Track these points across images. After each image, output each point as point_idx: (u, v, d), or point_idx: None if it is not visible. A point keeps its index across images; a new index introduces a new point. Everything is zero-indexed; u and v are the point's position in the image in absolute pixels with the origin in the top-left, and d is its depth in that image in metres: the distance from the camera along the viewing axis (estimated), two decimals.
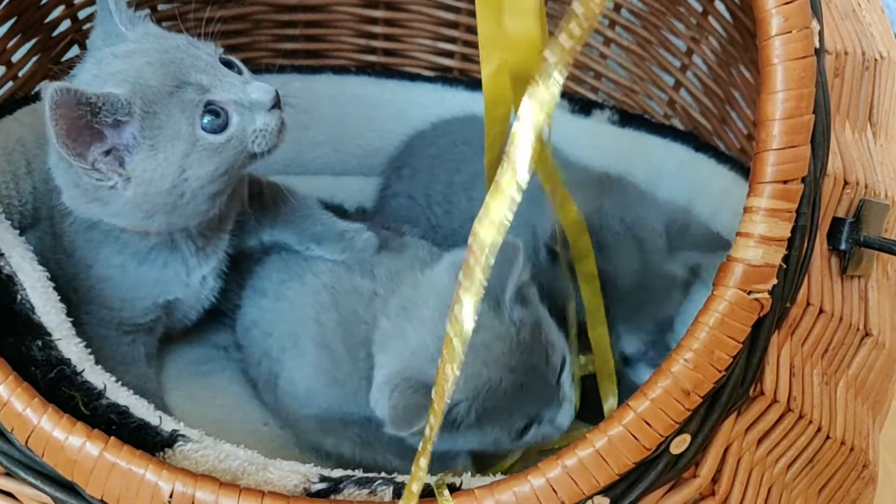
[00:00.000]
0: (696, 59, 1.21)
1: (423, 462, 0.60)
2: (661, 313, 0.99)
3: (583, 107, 1.27)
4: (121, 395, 0.69)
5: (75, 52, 1.13)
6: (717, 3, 1.12)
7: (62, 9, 1.11)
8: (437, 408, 0.60)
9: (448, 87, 1.35)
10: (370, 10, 1.38)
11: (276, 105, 0.81)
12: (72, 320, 0.76)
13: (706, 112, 1.21)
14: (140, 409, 0.69)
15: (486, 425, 0.79)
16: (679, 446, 0.61)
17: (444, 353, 0.60)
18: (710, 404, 0.62)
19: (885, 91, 0.76)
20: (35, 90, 1.08)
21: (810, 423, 0.68)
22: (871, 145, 0.73)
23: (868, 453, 0.74)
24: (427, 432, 0.61)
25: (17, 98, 1.06)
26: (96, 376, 0.70)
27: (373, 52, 1.41)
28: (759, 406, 0.66)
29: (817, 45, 0.59)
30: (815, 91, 0.58)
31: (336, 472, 0.66)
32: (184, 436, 0.66)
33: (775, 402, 0.66)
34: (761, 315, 0.60)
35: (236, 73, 0.83)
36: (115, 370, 0.73)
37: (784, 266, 0.60)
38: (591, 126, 1.25)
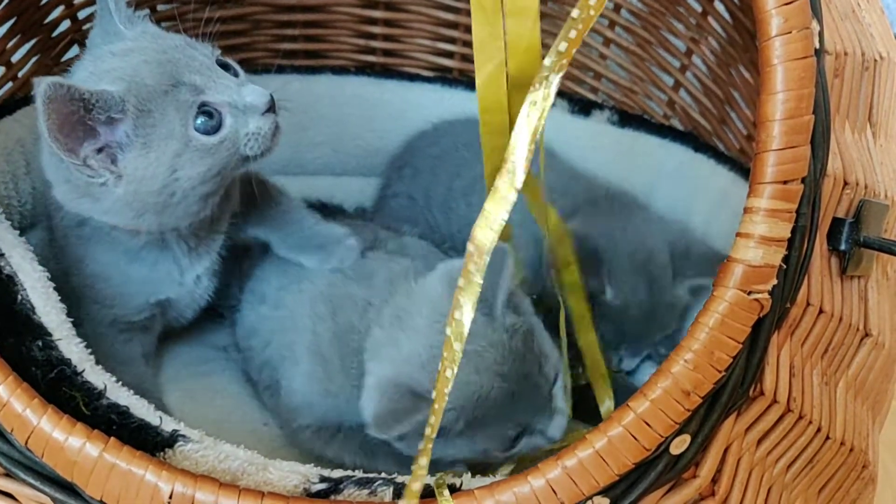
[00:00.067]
0: (695, 59, 1.21)
1: (424, 461, 0.60)
2: (661, 334, 1.00)
3: (582, 107, 1.27)
4: (121, 396, 0.69)
5: (75, 52, 1.13)
6: (717, 4, 1.12)
7: (62, 9, 1.10)
8: (437, 407, 0.60)
9: (447, 87, 1.35)
10: (369, 11, 1.38)
11: (271, 109, 0.81)
12: (72, 320, 0.76)
13: (706, 112, 1.21)
14: (140, 409, 0.68)
15: (476, 434, 0.78)
16: (679, 447, 0.61)
17: (443, 355, 0.60)
18: (710, 405, 0.62)
19: (885, 91, 0.76)
20: (33, 83, 1.07)
21: (810, 423, 0.68)
22: (870, 146, 0.73)
23: (868, 454, 0.74)
24: (427, 432, 0.61)
25: (16, 98, 1.06)
26: (97, 376, 0.69)
27: (372, 52, 1.41)
28: (759, 406, 0.66)
29: (817, 45, 0.59)
30: (814, 91, 0.58)
31: (336, 473, 0.66)
32: (184, 436, 0.66)
33: (775, 402, 0.66)
34: (761, 315, 0.61)
35: (232, 76, 0.83)
36: (112, 370, 0.73)
37: (784, 266, 0.60)
38: (590, 126, 1.25)
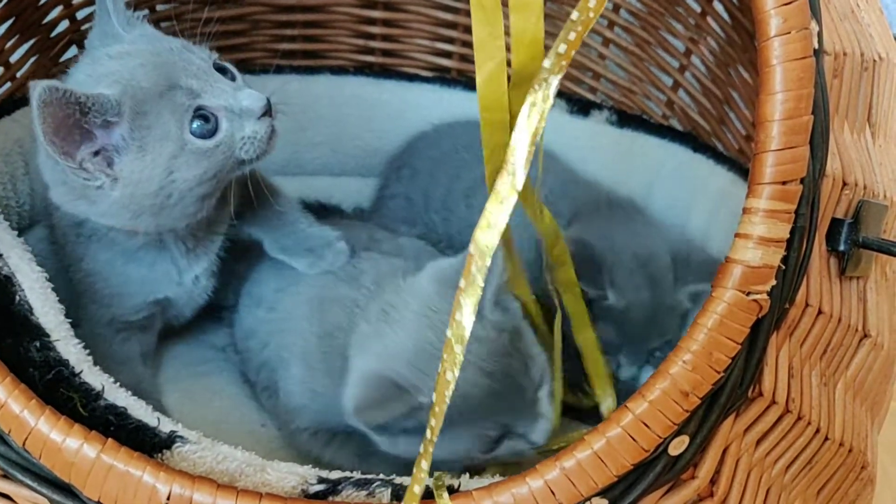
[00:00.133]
0: (694, 59, 1.21)
1: (425, 464, 0.60)
2: (661, 340, 1.00)
3: (581, 107, 1.27)
4: (119, 396, 0.69)
5: (73, 52, 1.13)
6: (716, 4, 1.11)
7: (60, 9, 1.10)
8: (437, 410, 0.60)
9: (446, 87, 1.35)
10: (368, 11, 1.38)
11: (267, 113, 0.81)
12: (70, 321, 0.76)
13: (704, 113, 1.21)
14: (138, 410, 0.68)
15: (457, 432, 0.76)
16: (677, 448, 0.61)
17: (444, 357, 0.60)
18: (709, 405, 0.62)
19: (884, 92, 0.76)
20: (28, 86, 1.07)
21: (809, 424, 0.68)
22: (869, 146, 0.73)
23: (866, 454, 0.74)
24: (428, 434, 0.61)
25: (15, 99, 1.06)
26: (94, 377, 0.69)
27: (371, 52, 1.41)
28: (758, 407, 0.66)
29: (816, 45, 0.59)
30: (813, 92, 0.58)
31: (334, 474, 0.66)
32: (182, 437, 0.65)
33: (774, 403, 0.66)
34: (760, 316, 0.60)
35: (230, 79, 0.83)
36: (110, 370, 0.73)
37: (783, 267, 0.60)
38: (589, 127, 1.25)
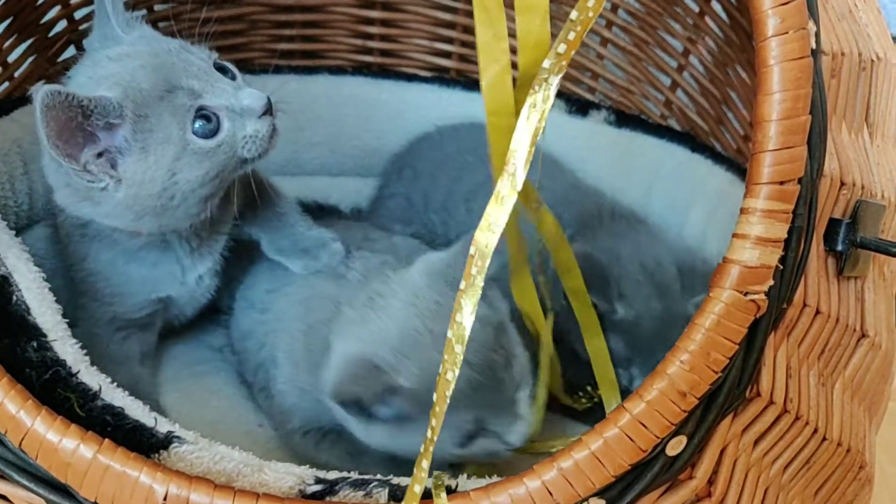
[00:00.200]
0: (692, 59, 1.21)
1: (425, 463, 0.60)
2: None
3: (580, 107, 1.27)
4: (116, 397, 0.69)
5: (72, 52, 1.13)
6: (714, 4, 1.11)
7: (58, 9, 1.10)
8: (438, 410, 0.60)
9: (445, 87, 1.35)
10: (367, 11, 1.38)
11: (268, 111, 0.81)
12: (66, 321, 0.76)
13: (703, 113, 1.21)
14: (135, 410, 0.68)
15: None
16: (675, 448, 0.61)
17: (444, 357, 0.60)
18: (707, 406, 0.62)
19: (882, 92, 0.76)
20: (31, 91, 1.08)
21: (807, 424, 0.68)
22: (867, 146, 0.73)
23: (864, 455, 0.74)
24: (429, 434, 0.61)
25: (13, 98, 1.06)
26: (92, 377, 0.69)
27: (369, 52, 1.41)
28: (756, 407, 0.66)
29: (814, 45, 0.58)
30: (811, 92, 0.58)
31: (332, 474, 0.66)
32: (179, 437, 0.65)
33: (772, 403, 0.66)
34: (758, 316, 0.60)
35: (230, 79, 0.83)
36: (107, 369, 0.73)
37: (780, 267, 0.60)
38: (588, 127, 1.25)
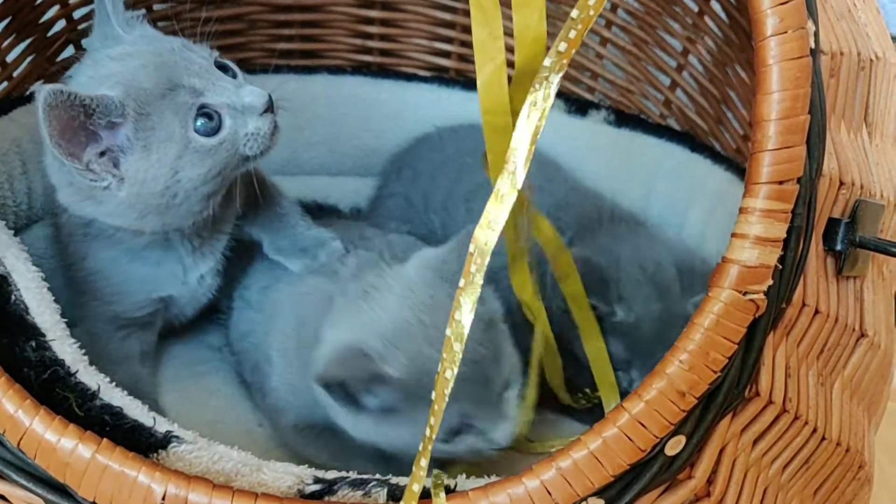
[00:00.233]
0: (692, 59, 1.21)
1: (424, 462, 0.60)
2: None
3: (579, 107, 1.27)
4: (115, 396, 0.69)
5: (70, 52, 1.13)
6: (713, 3, 1.11)
7: (57, 9, 1.10)
8: (437, 408, 0.60)
9: (444, 87, 1.35)
10: (366, 10, 1.38)
11: (270, 109, 0.82)
12: (65, 321, 0.76)
13: (702, 112, 1.21)
14: (134, 410, 0.68)
15: (420, 410, 0.73)
16: (674, 447, 0.61)
17: (443, 356, 0.60)
18: (706, 405, 0.62)
19: (881, 91, 0.76)
20: (30, 90, 1.08)
21: (806, 424, 0.68)
22: (866, 146, 0.73)
23: (863, 454, 0.74)
24: (427, 433, 0.61)
25: (11, 98, 1.06)
26: (90, 377, 0.69)
27: (369, 52, 1.41)
28: (755, 407, 0.65)
29: (813, 45, 0.58)
30: (810, 91, 0.58)
31: (330, 474, 0.66)
32: (177, 437, 0.65)
33: (771, 403, 0.66)
34: (757, 316, 0.60)
35: (231, 77, 0.83)
36: (106, 368, 0.73)
37: (780, 267, 0.60)
38: (587, 126, 1.25)
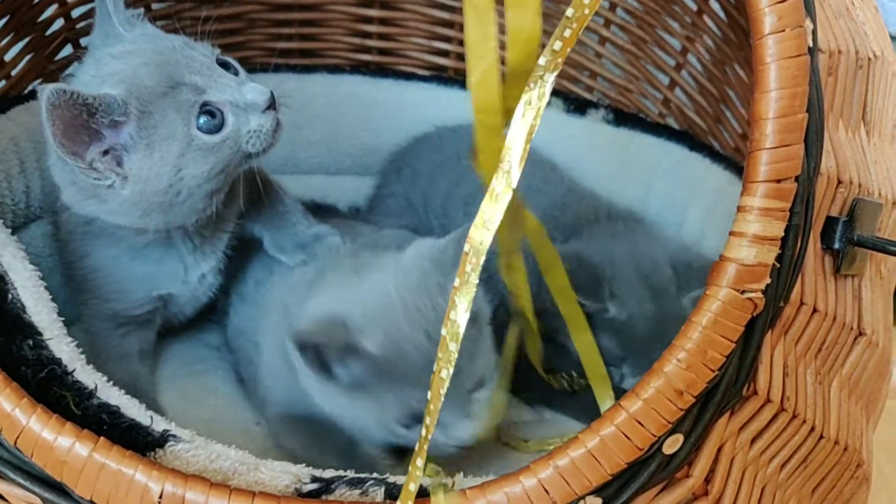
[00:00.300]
0: (690, 57, 1.21)
1: (420, 461, 0.60)
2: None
3: (578, 106, 1.27)
4: (112, 395, 0.69)
5: (69, 50, 1.13)
6: (712, 2, 1.11)
7: (55, 7, 1.10)
8: (432, 408, 0.60)
9: (443, 86, 1.35)
10: (365, 10, 1.38)
11: (272, 106, 0.82)
12: (62, 319, 0.76)
13: (701, 111, 1.21)
14: (131, 408, 0.68)
15: (387, 390, 0.75)
16: (672, 446, 0.61)
17: (439, 355, 0.60)
18: (703, 404, 0.62)
19: (879, 90, 0.76)
20: (28, 89, 1.08)
21: (804, 422, 0.68)
22: (864, 144, 0.73)
23: (862, 453, 0.74)
24: (423, 431, 0.61)
25: (10, 97, 1.05)
26: (87, 376, 0.69)
27: (367, 51, 1.41)
28: (753, 406, 0.65)
29: (811, 43, 0.58)
30: (808, 90, 0.58)
31: (328, 473, 0.66)
32: (175, 436, 0.65)
33: (769, 401, 0.66)
34: (754, 314, 0.60)
35: (232, 74, 0.84)
36: (105, 366, 0.73)
37: (777, 265, 0.60)
38: (586, 126, 1.25)
